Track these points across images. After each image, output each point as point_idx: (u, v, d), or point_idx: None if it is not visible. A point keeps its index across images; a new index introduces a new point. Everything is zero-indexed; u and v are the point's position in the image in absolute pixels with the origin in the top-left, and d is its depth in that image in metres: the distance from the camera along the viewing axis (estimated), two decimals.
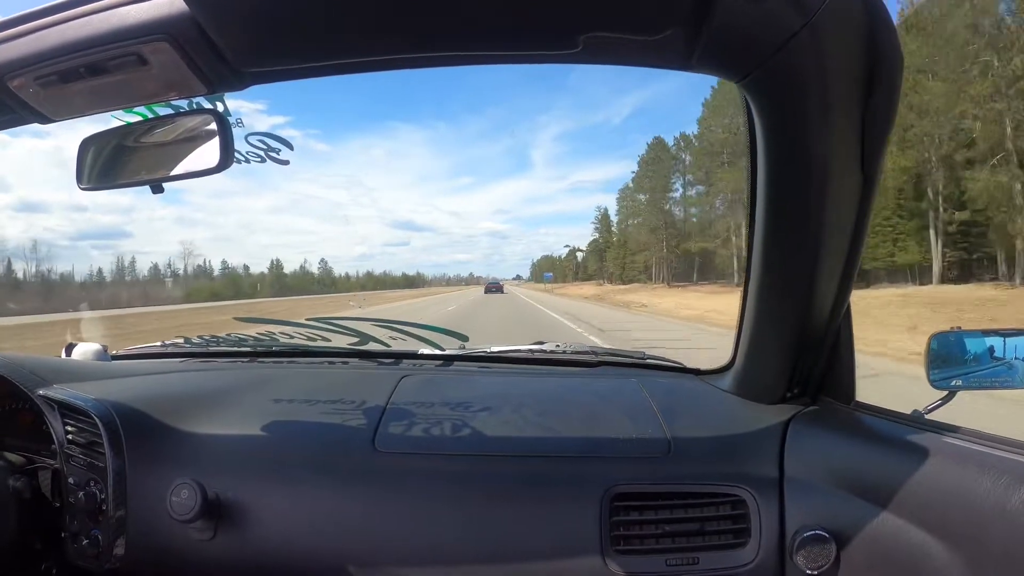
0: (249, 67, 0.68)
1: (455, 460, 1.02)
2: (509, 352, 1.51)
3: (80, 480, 1.02)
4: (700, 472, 0.97)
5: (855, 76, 0.65)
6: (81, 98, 0.72)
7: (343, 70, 0.69)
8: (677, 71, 0.69)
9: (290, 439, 1.08)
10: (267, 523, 0.96)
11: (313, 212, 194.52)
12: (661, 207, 49.43)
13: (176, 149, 0.84)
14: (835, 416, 0.99)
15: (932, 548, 0.75)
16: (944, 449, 0.80)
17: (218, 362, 1.51)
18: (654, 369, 1.43)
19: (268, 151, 0.94)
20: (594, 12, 0.58)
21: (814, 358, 0.99)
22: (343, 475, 1.00)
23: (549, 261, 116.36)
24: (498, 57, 0.67)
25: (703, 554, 0.91)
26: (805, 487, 0.92)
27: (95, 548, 0.98)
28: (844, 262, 0.85)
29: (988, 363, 0.94)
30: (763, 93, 0.71)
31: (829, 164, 0.73)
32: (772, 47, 0.61)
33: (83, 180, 0.89)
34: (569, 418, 1.11)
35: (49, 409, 1.07)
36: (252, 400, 1.18)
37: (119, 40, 0.64)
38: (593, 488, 0.94)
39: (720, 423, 1.07)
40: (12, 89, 0.71)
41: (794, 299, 0.91)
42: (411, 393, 1.21)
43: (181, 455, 1.03)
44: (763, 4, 0.56)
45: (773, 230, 0.86)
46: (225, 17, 0.61)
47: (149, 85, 0.70)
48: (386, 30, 0.62)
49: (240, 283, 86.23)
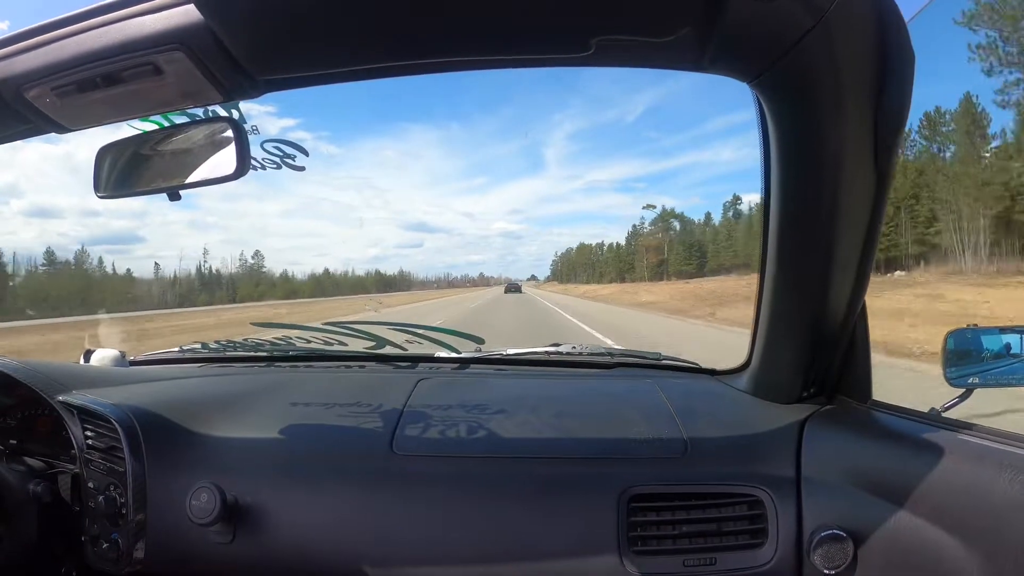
0: (264, 75, 0.68)
1: (472, 462, 1.02)
2: (525, 354, 1.51)
3: (100, 484, 1.03)
4: (717, 472, 0.97)
5: (867, 74, 0.65)
6: (97, 107, 0.73)
7: (358, 76, 0.70)
8: (689, 72, 0.69)
9: (308, 442, 1.08)
10: (285, 526, 0.96)
11: (325, 215, 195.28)
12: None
13: (192, 157, 0.85)
14: (852, 415, 0.98)
15: (949, 546, 0.74)
16: (961, 447, 0.79)
17: (235, 367, 1.52)
18: (670, 370, 1.43)
19: (284, 157, 0.95)
20: (606, 15, 0.58)
21: (830, 357, 0.98)
22: (361, 478, 1.01)
23: (586, 252, 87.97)
24: (512, 61, 0.67)
25: (720, 554, 0.91)
26: (822, 486, 0.92)
27: (115, 552, 0.99)
28: (858, 260, 0.84)
29: (1006, 360, 0.93)
30: (775, 93, 0.71)
31: (842, 162, 0.73)
32: (783, 47, 0.61)
33: (100, 188, 0.90)
34: (586, 420, 1.11)
35: (69, 415, 1.08)
36: (270, 404, 1.19)
37: (135, 50, 0.64)
38: (610, 489, 0.94)
39: (736, 423, 1.07)
40: (29, 100, 0.72)
41: (809, 298, 0.90)
42: (428, 396, 1.22)
43: (200, 459, 1.04)
44: (774, 4, 0.56)
45: (787, 229, 0.85)
46: (240, 26, 0.61)
47: (165, 94, 0.71)
48: (401, 36, 0.63)
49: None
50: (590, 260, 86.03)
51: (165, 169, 0.89)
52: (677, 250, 62.40)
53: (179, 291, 74.46)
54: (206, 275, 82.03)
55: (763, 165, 0.85)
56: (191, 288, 77.37)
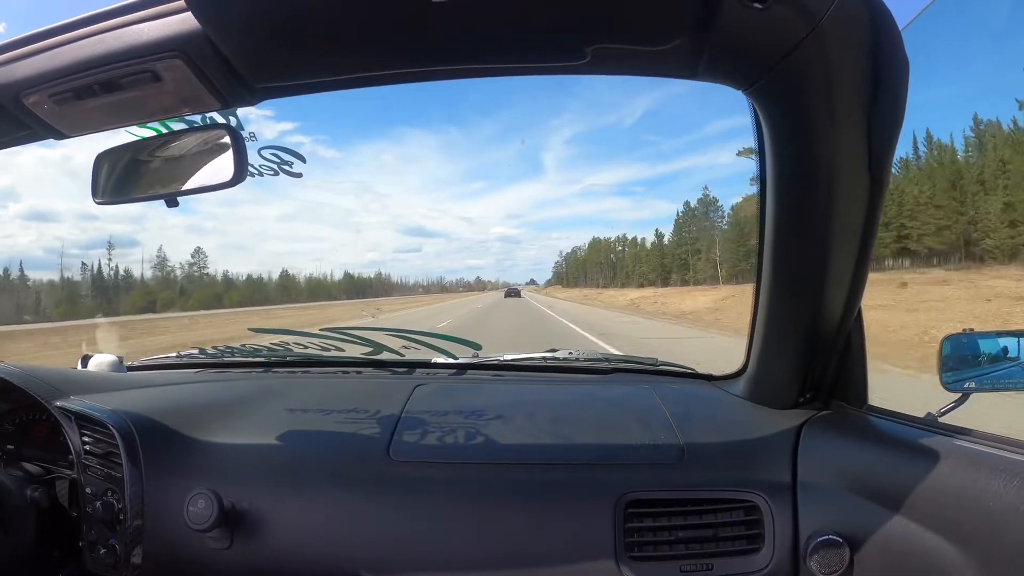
0: (262, 82, 0.69)
1: (469, 468, 1.02)
2: (522, 360, 1.51)
3: (97, 490, 1.03)
4: (714, 478, 0.97)
5: (861, 81, 0.65)
6: (96, 114, 0.74)
7: (355, 84, 0.70)
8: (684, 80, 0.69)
9: (305, 448, 1.08)
10: (283, 532, 0.96)
11: (324, 219, 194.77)
12: None
13: (190, 163, 0.86)
14: (848, 420, 0.98)
15: (945, 551, 0.74)
16: (956, 452, 0.80)
17: (233, 372, 1.52)
18: (667, 375, 1.43)
19: (281, 164, 0.95)
20: (601, 24, 0.58)
21: (826, 362, 0.98)
22: (358, 484, 1.01)
23: (601, 249, 71.83)
24: (509, 69, 0.68)
25: (717, 560, 0.91)
26: (818, 492, 0.92)
27: (112, 557, 0.99)
28: (854, 266, 0.85)
29: (1002, 364, 0.93)
30: (770, 101, 0.71)
31: (837, 168, 0.73)
32: (777, 55, 0.62)
33: (98, 194, 0.90)
34: (583, 426, 1.11)
35: (67, 420, 1.08)
36: (267, 410, 1.19)
37: (133, 57, 0.65)
38: (607, 495, 0.94)
39: (733, 429, 1.07)
40: (28, 106, 0.72)
41: (805, 304, 0.91)
42: (425, 402, 1.22)
43: (197, 465, 1.04)
44: (767, 12, 0.56)
45: (783, 235, 0.86)
46: (237, 34, 0.62)
47: (163, 101, 0.71)
48: (398, 45, 0.63)
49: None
50: (607, 259, 71.65)
51: (163, 175, 0.89)
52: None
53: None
54: (110, 277, 65.89)
55: (759, 171, 0.85)
56: (74, 294, 60.68)
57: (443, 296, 65.50)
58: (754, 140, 0.83)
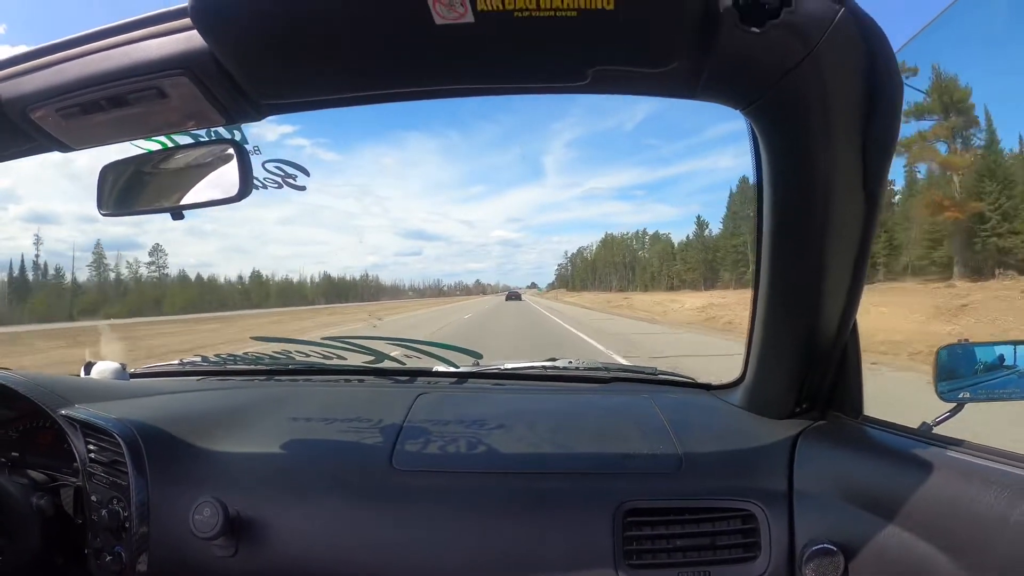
0: (266, 99, 0.70)
1: (471, 477, 1.03)
2: (523, 369, 1.52)
3: (103, 498, 1.04)
4: (711, 487, 0.98)
5: (857, 102, 0.66)
6: (101, 128, 0.74)
7: (359, 102, 0.71)
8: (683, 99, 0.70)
9: (308, 457, 1.09)
10: (287, 540, 0.97)
11: (324, 222, 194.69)
12: None
13: (195, 177, 0.86)
14: (843, 430, 0.99)
15: (937, 560, 0.76)
16: (949, 463, 0.81)
17: (235, 380, 1.53)
18: (666, 384, 1.44)
19: (285, 177, 0.96)
20: (602, 48, 0.60)
21: (822, 373, 0.99)
22: (361, 493, 1.02)
23: (616, 247, 65.09)
24: (510, 89, 0.69)
25: (714, 568, 0.92)
26: (814, 501, 0.93)
27: (118, 565, 1.00)
28: (850, 278, 0.85)
29: (998, 373, 0.94)
30: (767, 120, 0.72)
31: (833, 185, 0.74)
32: (774, 77, 0.63)
33: (103, 206, 0.91)
34: (582, 435, 1.12)
35: (72, 429, 1.09)
36: (270, 418, 1.20)
37: (139, 74, 0.66)
38: (606, 504, 0.95)
39: (730, 438, 1.08)
40: (35, 120, 0.73)
41: (801, 316, 0.92)
42: (427, 411, 1.23)
43: (202, 473, 1.05)
44: (765, 36, 0.57)
45: (780, 248, 0.87)
46: (242, 53, 0.63)
47: (168, 116, 0.72)
48: (401, 66, 0.64)
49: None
50: (622, 258, 64.04)
51: (168, 188, 0.90)
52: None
53: None
54: (33, 278, 61.61)
55: (756, 185, 0.86)
56: None
57: (437, 301, 60.33)
58: (751, 156, 0.85)
